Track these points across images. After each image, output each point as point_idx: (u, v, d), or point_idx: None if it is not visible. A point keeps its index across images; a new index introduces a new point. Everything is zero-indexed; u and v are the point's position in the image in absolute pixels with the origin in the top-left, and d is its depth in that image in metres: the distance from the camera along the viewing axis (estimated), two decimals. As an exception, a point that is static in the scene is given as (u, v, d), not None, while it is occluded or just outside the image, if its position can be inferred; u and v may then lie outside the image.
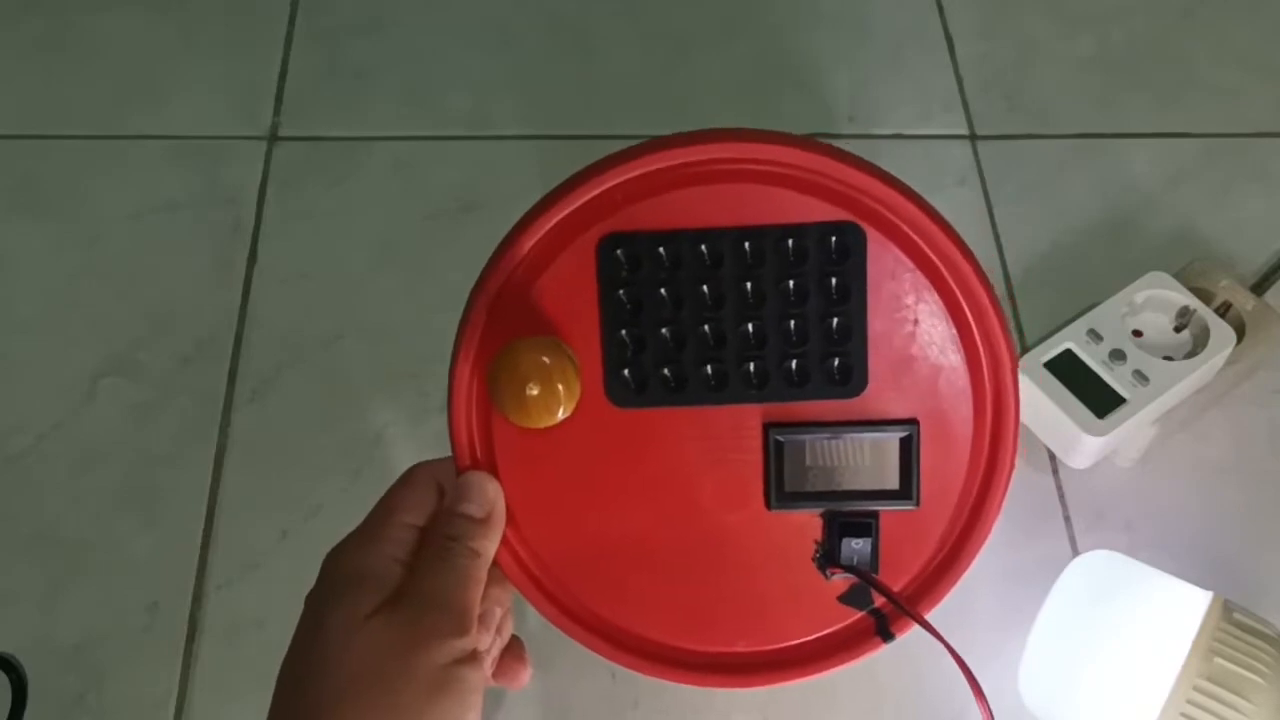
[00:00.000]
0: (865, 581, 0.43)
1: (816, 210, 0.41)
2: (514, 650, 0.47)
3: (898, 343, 0.42)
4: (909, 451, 0.42)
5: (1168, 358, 0.61)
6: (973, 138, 0.78)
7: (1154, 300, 0.63)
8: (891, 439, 0.42)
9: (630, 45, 0.82)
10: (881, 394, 0.42)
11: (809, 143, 0.41)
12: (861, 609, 0.44)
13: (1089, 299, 0.63)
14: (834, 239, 0.41)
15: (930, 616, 0.43)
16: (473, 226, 0.73)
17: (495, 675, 0.47)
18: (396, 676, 0.37)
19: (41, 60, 0.81)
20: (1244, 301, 0.65)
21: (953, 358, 0.42)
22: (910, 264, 0.41)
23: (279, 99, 0.79)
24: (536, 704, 0.57)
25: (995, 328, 0.42)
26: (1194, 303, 0.63)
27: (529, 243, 0.41)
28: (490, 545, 0.41)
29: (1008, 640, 0.55)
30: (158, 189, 0.74)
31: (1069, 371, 0.60)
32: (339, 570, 0.40)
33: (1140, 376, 0.60)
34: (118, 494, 0.63)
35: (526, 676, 0.47)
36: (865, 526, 0.43)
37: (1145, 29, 0.83)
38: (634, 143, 0.41)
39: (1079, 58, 0.82)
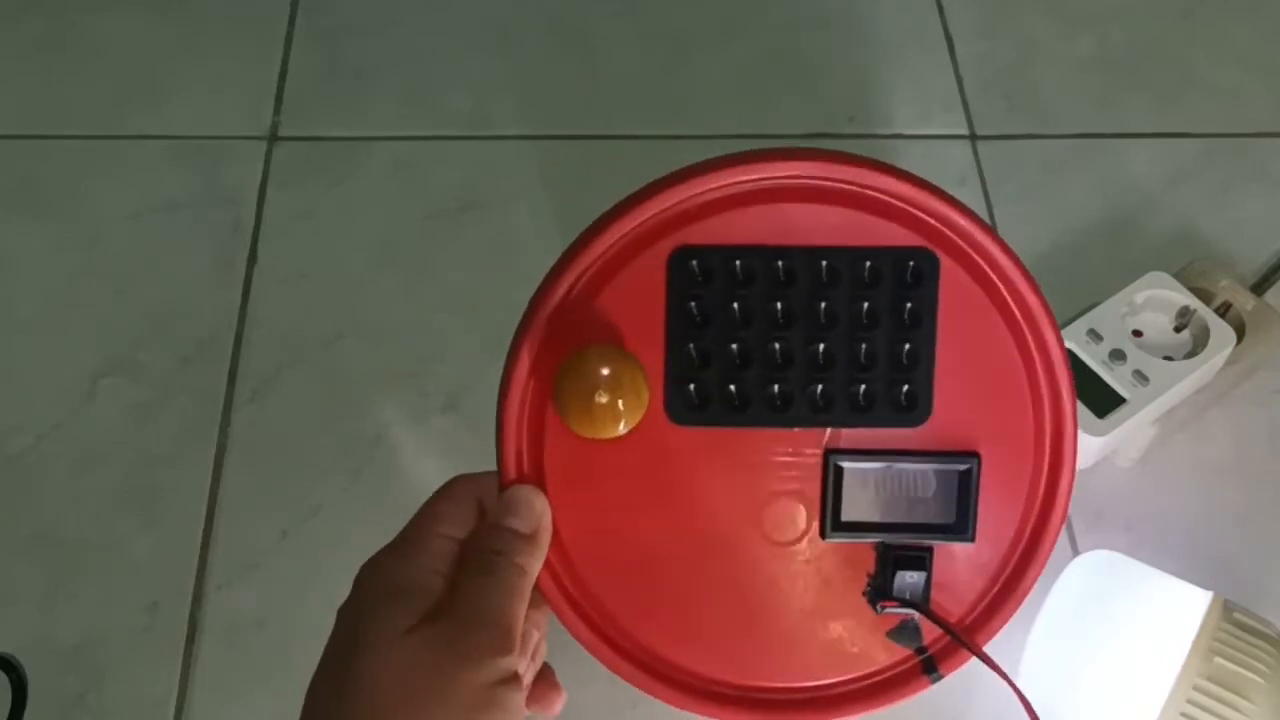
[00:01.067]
0: (923, 615, 0.42)
1: (893, 234, 0.40)
2: (547, 676, 0.46)
3: (963, 373, 0.41)
4: (968, 486, 0.41)
5: (1168, 358, 0.61)
6: (973, 138, 0.78)
7: (1154, 300, 0.63)
8: (951, 471, 0.42)
9: (630, 45, 0.82)
10: (944, 424, 0.41)
11: (887, 166, 0.40)
12: (910, 646, 0.43)
13: (1089, 299, 0.63)
14: (910, 264, 0.40)
15: None
16: (473, 226, 0.73)
17: (528, 702, 0.45)
18: (437, 694, 0.35)
19: (41, 60, 0.81)
20: (1244, 301, 0.65)
21: (1016, 391, 0.41)
22: (982, 295, 0.41)
23: (279, 99, 0.79)
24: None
25: (1058, 363, 0.41)
26: (1194, 303, 0.62)
27: (597, 252, 0.40)
28: (536, 563, 0.40)
29: (1008, 640, 0.55)
30: (158, 189, 0.74)
31: (1069, 371, 0.60)
32: (377, 582, 0.38)
33: (1140, 376, 0.59)
34: (118, 494, 0.63)
35: (560, 704, 0.45)
36: (919, 560, 0.42)
37: (1145, 29, 0.83)
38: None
39: (1079, 58, 0.82)
